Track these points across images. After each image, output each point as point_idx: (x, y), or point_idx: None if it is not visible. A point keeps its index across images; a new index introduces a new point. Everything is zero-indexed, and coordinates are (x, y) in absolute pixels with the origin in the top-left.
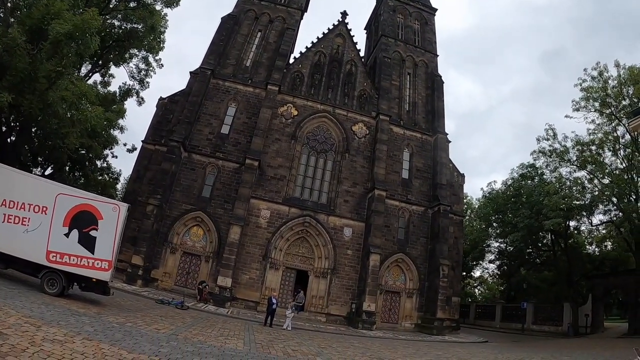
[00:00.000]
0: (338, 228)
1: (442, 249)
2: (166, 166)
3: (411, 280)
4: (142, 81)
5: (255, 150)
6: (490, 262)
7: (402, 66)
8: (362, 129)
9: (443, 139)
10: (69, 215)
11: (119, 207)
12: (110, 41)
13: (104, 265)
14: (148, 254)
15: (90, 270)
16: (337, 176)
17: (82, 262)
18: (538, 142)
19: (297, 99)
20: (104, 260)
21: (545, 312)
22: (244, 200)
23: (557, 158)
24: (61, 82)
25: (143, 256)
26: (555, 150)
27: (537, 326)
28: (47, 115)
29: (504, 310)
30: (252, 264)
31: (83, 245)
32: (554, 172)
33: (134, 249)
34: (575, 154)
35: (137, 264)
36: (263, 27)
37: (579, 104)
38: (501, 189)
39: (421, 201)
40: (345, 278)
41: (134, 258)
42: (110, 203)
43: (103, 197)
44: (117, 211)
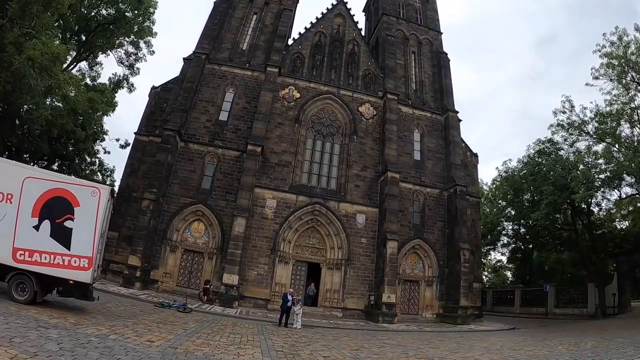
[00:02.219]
0: (350, 215)
1: (461, 233)
2: (161, 157)
3: (430, 268)
4: (131, 66)
5: (257, 135)
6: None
7: (406, 45)
8: (369, 109)
9: (454, 117)
10: (39, 203)
11: (99, 190)
12: (95, 25)
13: (82, 263)
14: (146, 253)
15: (66, 270)
16: (345, 160)
17: (56, 261)
18: (555, 115)
19: (298, 81)
20: (82, 257)
21: (568, 294)
22: (248, 190)
23: (575, 131)
24: (29, 44)
25: (140, 256)
26: (573, 124)
27: (559, 309)
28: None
29: (523, 294)
30: (260, 258)
31: (56, 239)
32: (571, 146)
33: (130, 249)
34: (594, 125)
35: (134, 264)
36: (259, 10)
37: (599, 72)
38: (517, 167)
39: (436, 183)
40: (361, 269)
41: (131, 258)
42: (88, 186)
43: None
44: (97, 196)
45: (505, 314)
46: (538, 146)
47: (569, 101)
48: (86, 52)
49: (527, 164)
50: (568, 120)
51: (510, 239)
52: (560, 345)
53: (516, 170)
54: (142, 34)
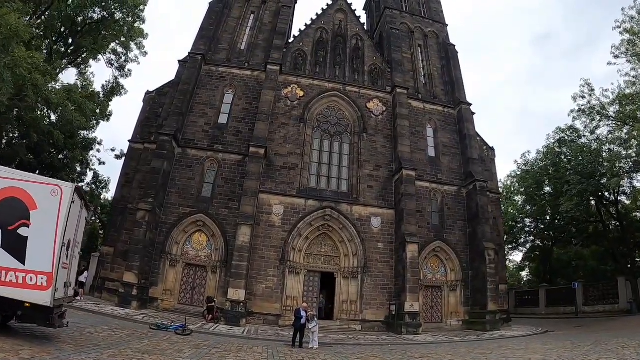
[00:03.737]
0: (364, 218)
1: (484, 231)
2: (157, 164)
3: (453, 271)
4: (121, 68)
5: (259, 137)
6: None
7: (412, 38)
8: (378, 105)
9: (467, 110)
10: None
11: (60, 188)
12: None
13: (40, 281)
14: (143, 269)
15: (19, 290)
16: (356, 160)
17: (8, 278)
18: (574, 101)
19: (301, 79)
20: (39, 273)
21: (597, 290)
22: (252, 195)
23: (597, 116)
24: None
25: (137, 272)
26: (594, 108)
27: (589, 307)
28: None
29: (548, 294)
30: (268, 270)
31: (8, 251)
32: (592, 133)
33: (126, 265)
34: (616, 109)
35: (130, 282)
36: (256, 9)
37: (619, 49)
38: (536, 158)
39: (453, 180)
40: (379, 276)
41: (126, 275)
42: (47, 184)
43: (37, 175)
44: (57, 195)
45: (530, 316)
46: (558, 135)
47: (588, 84)
48: (74, 55)
49: (548, 155)
50: (589, 105)
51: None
52: (624, 349)
53: (536, 161)
54: (132, 35)
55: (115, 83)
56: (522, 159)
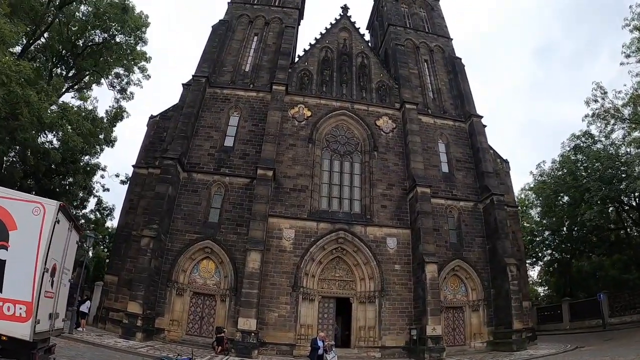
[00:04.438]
0: (379, 240)
1: (504, 247)
2: (161, 189)
3: (474, 290)
4: (123, 90)
5: (267, 158)
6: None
7: (417, 53)
8: (387, 122)
9: (479, 123)
10: None
11: (43, 207)
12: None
13: (18, 311)
14: (148, 298)
15: None
16: (368, 179)
17: None
18: (588, 105)
19: (308, 99)
20: (17, 302)
21: (623, 300)
22: (261, 219)
23: (612, 119)
24: None
25: (141, 302)
26: (608, 110)
27: (615, 318)
28: None
29: (571, 308)
30: (280, 297)
31: None
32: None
33: (130, 294)
34: (629, 110)
35: (134, 312)
36: (259, 30)
37: (630, 48)
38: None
39: (469, 195)
40: (398, 299)
41: (130, 305)
42: (28, 201)
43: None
44: (39, 214)
45: (553, 332)
46: (573, 142)
47: (601, 87)
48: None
49: (564, 163)
50: (602, 108)
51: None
52: None
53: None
54: (134, 57)
55: (118, 107)
56: (538, 169)
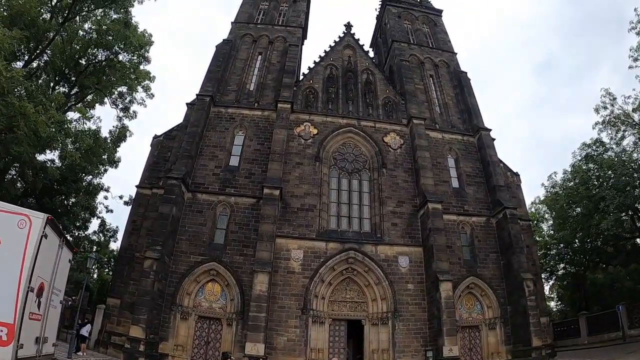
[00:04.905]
0: (391, 259)
1: (520, 261)
2: (165, 209)
3: (490, 308)
4: (126, 109)
5: (273, 177)
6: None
7: (422, 69)
8: (395, 139)
9: (487, 136)
10: None
11: (30, 219)
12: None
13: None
14: (151, 322)
15: None
16: (377, 197)
17: None
18: (597, 113)
19: (314, 116)
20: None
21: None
22: (268, 240)
23: (622, 125)
24: None
25: (144, 326)
26: (619, 117)
27: (635, 330)
28: None
29: (589, 322)
30: (289, 320)
31: None
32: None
33: (132, 318)
34: None
35: (136, 337)
36: (263, 50)
37: (637, 52)
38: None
39: (481, 210)
40: (412, 320)
41: (133, 329)
42: (13, 213)
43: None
44: (25, 227)
45: (571, 347)
46: (584, 151)
47: (610, 94)
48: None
49: (576, 173)
50: (612, 115)
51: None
52: None
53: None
54: (138, 76)
55: (121, 127)
56: (549, 181)
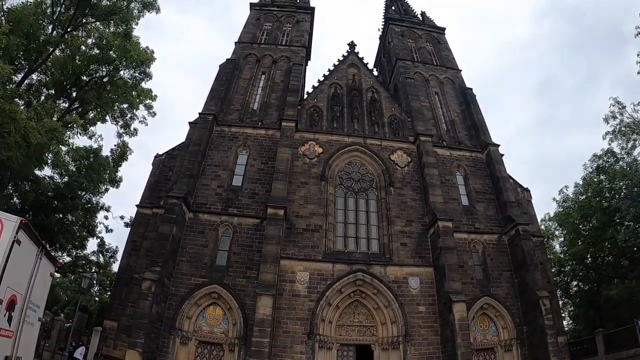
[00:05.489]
0: (401, 280)
1: (535, 279)
2: (165, 229)
3: (505, 329)
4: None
5: (277, 197)
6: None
7: (427, 86)
8: (402, 157)
9: (496, 151)
10: None
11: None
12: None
13: None
14: (149, 347)
15: None
16: (385, 216)
17: None
18: (607, 123)
19: (318, 135)
20: None
21: None
22: (272, 261)
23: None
24: None
25: (141, 351)
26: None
27: None
28: None
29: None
30: (295, 346)
31: None
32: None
33: (128, 342)
34: None
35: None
36: (267, 69)
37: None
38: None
39: (492, 228)
40: (424, 344)
41: (129, 354)
42: None
43: None
44: None
45: None
46: (595, 162)
47: (619, 102)
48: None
49: (588, 185)
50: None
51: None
52: None
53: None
54: (140, 94)
55: (122, 144)
56: (561, 195)
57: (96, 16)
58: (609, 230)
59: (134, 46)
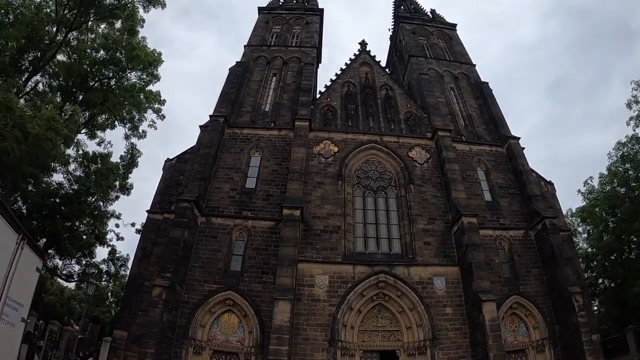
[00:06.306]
0: (425, 281)
1: (565, 274)
2: (176, 234)
3: (536, 329)
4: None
5: (293, 197)
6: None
7: (442, 82)
8: (420, 153)
9: (517, 145)
10: None
11: None
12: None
13: None
14: (160, 357)
15: None
16: (406, 215)
17: None
18: (630, 108)
19: (333, 134)
20: None
21: None
22: (289, 264)
23: None
24: None
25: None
26: None
27: None
28: None
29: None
30: (315, 354)
31: None
32: None
33: (138, 352)
34: None
35: None
36: (277, 70)
37: None
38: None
39: (518, 223)
40: (452, 348)
41: None
42: None
43: None
44: None
45: None
46: (619, 150)
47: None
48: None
49: (614, 175)
50: None
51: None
52: None
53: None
54: (148, 96)
55: (131, 147)
56: (586, 187)
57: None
58: (635, 223)
59: (141, 48)
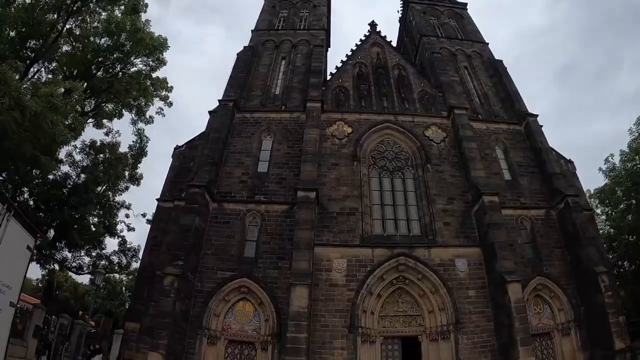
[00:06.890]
0: (447, 262)
1: (589, 254)
2: (187, 220)
3: (561, 311)
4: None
5: (307, 179)
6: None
7: (455, 60)
8: (437, 132)
9: (535, 122)
10: None
11: None
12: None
13: None
14: (173, 348)
15: None
16: (424, 195)
17: None
18: None
19: (347, 115)
20: None
21: None
22: (305, 248)
23: None
24: None
25: (164, 352)
26: None
27: None
28: None
29: None
30: (334, 341)
31: None
32: None
33: (151, 343)
34: None
35: None
36: (286, 54)
37: None
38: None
39: (538, 202)
40: (476, 332)
41: (151, 356)
42: None
43: None
44: None
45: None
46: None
47: None
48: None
49: (636, 152)
50: None
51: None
52: None
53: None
54: (155, 84)
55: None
56: (607, 165)
57: None
58: None
59: (145, 31)
